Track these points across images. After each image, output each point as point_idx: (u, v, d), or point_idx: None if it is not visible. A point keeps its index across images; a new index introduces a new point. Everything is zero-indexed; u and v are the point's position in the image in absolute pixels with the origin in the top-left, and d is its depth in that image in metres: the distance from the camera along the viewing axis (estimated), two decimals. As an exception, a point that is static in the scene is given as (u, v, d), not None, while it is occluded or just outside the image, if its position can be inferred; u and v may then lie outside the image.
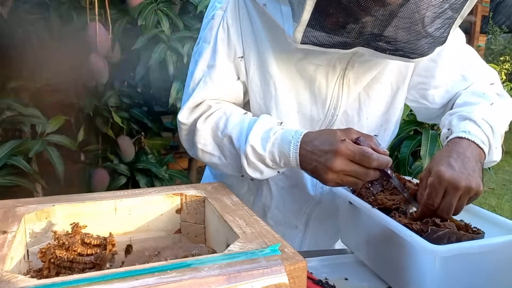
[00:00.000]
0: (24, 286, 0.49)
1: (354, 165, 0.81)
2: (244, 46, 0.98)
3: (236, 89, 1.01)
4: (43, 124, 2.18)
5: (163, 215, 0.83)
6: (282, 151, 0.88)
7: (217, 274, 0.52)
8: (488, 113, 0.94)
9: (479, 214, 0.89)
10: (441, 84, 1.05)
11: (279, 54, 0.97)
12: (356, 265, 0.96)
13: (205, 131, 0.97)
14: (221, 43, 0.98)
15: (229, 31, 0.97)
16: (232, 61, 0.99)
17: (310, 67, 0.97)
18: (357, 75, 0.99)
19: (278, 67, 0.98)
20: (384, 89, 1.04)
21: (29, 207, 0.74)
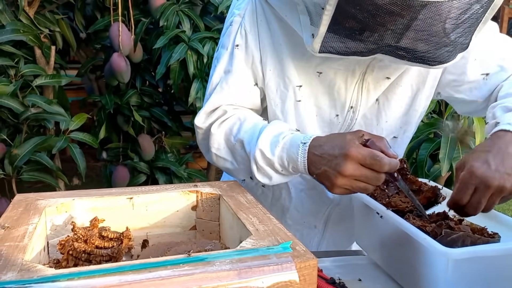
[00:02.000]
0: (42, 275, 0.51)
1: (364, 169, 0.78)
2: (261, 52, 0.99)
3: (253, 95, 1.02)
4: (67, 121, 2.23)
5: (179, 212, 0.84)
6: (291, 155, 0.87)
7: (228, 269, 0.54)
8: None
9: (496, 218, 0.88)
10: (475, 79, 1.02)
11: (298, 59, 0.97)
12: (370, 267, 0.96)
13: (219, 135, 0.98)
14: (239, 48, 0.99)
15: (247, 37, 0.98)
16: (250, 67, 1.00)
17: (330, 71, 0.97)
18: (377, 80, 0.99)
19: (297, 72, 0.98)
20: (404, 91, 1.03)
21: (49, 201, 0.76)
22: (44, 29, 2.37)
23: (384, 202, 0.90)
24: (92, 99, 2.76)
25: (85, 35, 2.73)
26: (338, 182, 0.80)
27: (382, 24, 0.75)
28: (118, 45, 2.35)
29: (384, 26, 0.76)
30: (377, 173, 0.79)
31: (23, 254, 0.57)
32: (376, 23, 0.75)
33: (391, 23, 0.75)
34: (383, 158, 0.78)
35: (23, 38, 2.18)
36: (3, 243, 0.60)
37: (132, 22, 2.45)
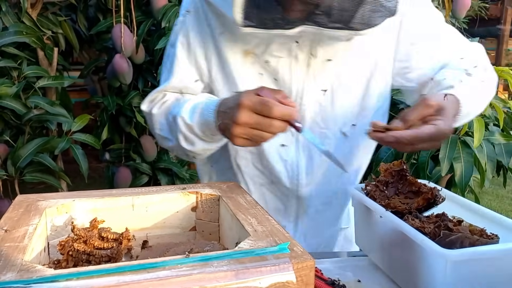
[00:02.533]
0: (41, 275, 0.51)
1: (257, 116, 0.80)
2: (205, 49, 1.01)
3: (193, 90, 1.04)
4: (69, 122, 2.24)
5: (179, 213, 0.85)
6: (205, 118, 0.90)
7: (226, 270, 0.54)
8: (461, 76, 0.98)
9: (496, 220, 0.88)
10: (422, 66, 1.04)
11: (240, 52, 0.99)
12: (370, 268, 0.96)
13: (160, 116, 1.02)
14: (181, 47, 1.02)
15: (189, 36, 1.01)
16: (193, 64, 1.03)
17: (272, 60, 0.98)
18: (321, 64, 0.99)
19: (242, 65, 1.00)
20: (356, 76, 1.03)
21: (50, 201, 0.77)
22: (47, 31, 2.38)
23: (383, 203, 0.90)
24: (94, 100, 2.77)
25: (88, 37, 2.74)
26: (234, 131, 0.82)
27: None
28: (120, 46, 2.36)
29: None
30: (269, 118, 0.80)
31: (23, 255, 0.57)
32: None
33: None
34: (272, 103, 0.79)
35: (26, 39, 2.19)
36: (4, 244, 0.60)
37: (134, 24, 2.46)
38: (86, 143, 2.32)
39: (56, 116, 2.18)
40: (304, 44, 0.96)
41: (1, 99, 2.04)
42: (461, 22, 3.22)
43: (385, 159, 1.93)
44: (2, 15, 2.21)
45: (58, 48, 2.42)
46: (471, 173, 1.67)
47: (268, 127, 0.81)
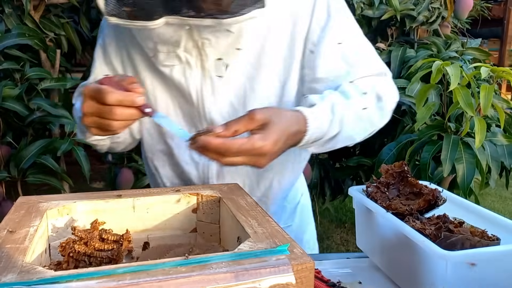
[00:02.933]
0: (41, 277, 0.52)
1: (97, 105, 0.80)
2: (121, 56, 1.04)
3: None
4: (71, 124, 2.25)
5: (180, 214, 0.85)
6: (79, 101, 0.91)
7: (225, 272, 0.54)
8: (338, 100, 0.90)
9: (496, 221, 0.87)
10: (323, 77, 0.97)
11: (142, 61, 1.01)
12: (370, 269, 0.96)
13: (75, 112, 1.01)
14: (98, 61, 1.05)
15: (106, 48, 1.03)
16: (110, 68, 1.05)
17: (166, 69, 0.98)
18: (215, 66, 0.97)
19: (147, 72, 1.02)
20: (270, 81, 0.99)
21: (51, 203, 0.77)
22: (50, 33, 2.39)
23: (385, 204, 0.90)
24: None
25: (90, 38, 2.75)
26: (84, 121, 0.83)
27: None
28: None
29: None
30: (108, 106, 0.79)
31: (23, 256, 0.58)
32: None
33: None
34: (106, 90, 0.78)
35: (29, 42, 2.20)
36: (4, 245, 0.60)
37: (136, 26, 2.46)
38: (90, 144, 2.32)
39: (59, 117, 2.19)
40: (189, 48, 0.94)
41: (4, 101, 2.05)
42: (464, 23, 3.21)
43: (387, 161, 1.93)
44: (5, 17, 2.22)
45: (60, 50, 2.43)
46: (473, 174, 1.66)
47: (109, 115, 0.80)
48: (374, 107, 0.97)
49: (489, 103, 1.52)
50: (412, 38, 2.73)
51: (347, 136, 0.94)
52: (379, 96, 0.97)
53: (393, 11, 2.48)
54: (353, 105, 0.92)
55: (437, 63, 1.63)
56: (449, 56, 2.34)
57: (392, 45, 2.61)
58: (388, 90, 1.01)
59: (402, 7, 2.56)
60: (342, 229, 3.63)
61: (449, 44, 2.59)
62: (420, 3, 2.64)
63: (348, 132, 0.93)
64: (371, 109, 0.96)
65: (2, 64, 2.16)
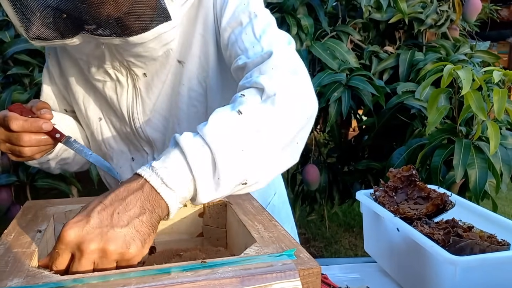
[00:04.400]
0: (47, 281, 0.52)
1: (5, 132, 0.84)
2: (60, 76, 1.04)
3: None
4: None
5: (186, 218, 0.85)
6: None
7: (231, 276, 0.54)
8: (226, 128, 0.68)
9: (506, 225, 0.86)
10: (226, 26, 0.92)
11: (75, 75, 1.00)
12: (378, 274, 0.95)
13: None
14: (45, 82, 1.06)
15: (49, 69, 1.04)
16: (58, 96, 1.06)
17: (98, 84, 0.97)
18: (147, 84, 0.95)
19: (79, 87, 1.01)
20: (194, 90, 0.95)
21: (58, 208, 0.77)
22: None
23: (392, 209, 0.90)
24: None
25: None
26: (0, 147, 0.87)
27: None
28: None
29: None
30: (14, 132, 0.83)
31: (30, 260, 0.58)
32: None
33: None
34: (10, 117, 0.82)
35: (38, 47, 2.22)
36: (11, 249, 0.61)
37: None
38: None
39: (68, 122, 2.20)
40: (117, 66, 0.92)
41: (13, 106, 2.07)
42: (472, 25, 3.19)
43: (397, 165, 1.91)
44: (14, 23, 2.24)
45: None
46: (485, 179, 1.64)
47: (17, 141, 0.84)
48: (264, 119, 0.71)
49: (503, 107, 1.50)
50: (420, 41, 2.72)
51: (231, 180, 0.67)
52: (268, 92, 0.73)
53: (401, 15, 2.47)
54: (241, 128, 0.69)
55: (449, 67, 1.61)
56: (458, 59, 2.32)
57: (400, 48, 2.59)
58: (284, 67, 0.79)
59: (410, 10, 2.55)
60: (351, 233, 3.61)
61: (458, 47, 2.57)
62: (428, 6, 2.62)
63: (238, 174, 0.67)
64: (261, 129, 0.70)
65: (11, 69, 2.18)
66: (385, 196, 0.95)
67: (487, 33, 3.64)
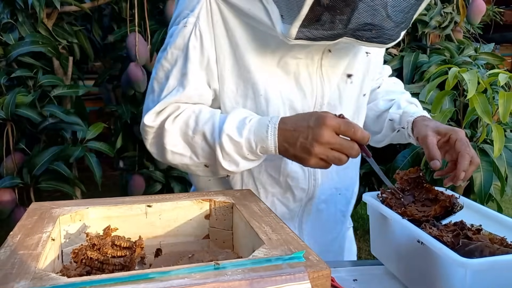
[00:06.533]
0: (55, 283, 0.51)
1: (339, 137, 0.83)
2: (217, 53, 0.97)
3: (207, 97, 1.00)
4: (84, 131, 2.26)
5: (192, 220, 0.84)
6: (259, 135, 0.88)
7: (240, 279, 0.53)
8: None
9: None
10: (373, 78, 1.14)
11: (261, 56, 0.97)
12: (386, 277, 0.94)
13: (174, 131, 0.95)
14: (193, 50, 0.96)
15: (202, 38, 0.96)
16: (204, 68, 0.97)
17: (293, 61, 0.98)
18: (332, 64, 1.02)
19: (262, 69, 0.98)
20: (355, 77, 1.07)
21: (64, 209, 0.77)
22: (62, 41, 2.41)
23: (400, 211, 0.89)
24: (109, 109, 2.80)
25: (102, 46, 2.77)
26: (315, 150, 0.83)
27: (358, 4, 0.79)
28: (134, 55, 2.38)
29: (359, 6, 0.80)
30: (350, 141, 0.84)
31: (36, 263, 0.57)
32: (352, 4, 0.79)
33: (366, 1, 0.79)
34: (356, 125, 0.84)
35: (42, 49, 2.22)
36: (17, 251, 0.60)
37: (148, 32, 2.48)
38: (101, 151, 2.34)
39: (71, 124, 2.20)
40: (320, 47, 0.98)
41: (17, 108, 2.07)
42: (476, 28, 3.18)
43: (402, 167, 1.90)
44: (18, 25, 2.25)
45: (73, 57, 2.45)
46: (491, 182, 1.63)
47: (349, 149, 0.84)
48: None
49: (509, 110, 1.49)
50: (424, 43, 2.71)
51: None
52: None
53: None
54: None
55: (454, 70, 1.60)
56: (463, 61, 2.31)
57: (404, 50, 2.59)
58: None
59: (414, 12, 2.55)
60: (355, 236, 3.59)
61: (462, 49, 2.57)
62: (432, 8, 2.62)
63: None
64: None
65: (15, 71, 2.18)
66: (392, 198, 0.94)
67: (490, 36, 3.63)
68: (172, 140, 0.95)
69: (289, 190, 1.07)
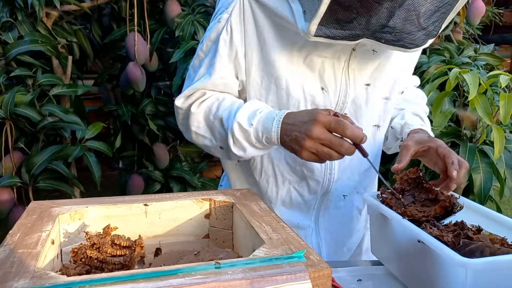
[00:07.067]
0: (54, 282, 0.51)
1: (329, 134, 0.86)
2: (246, 47, 1.04)
3: (232, 87, 1.06)
4: (83, 130, 2.25)
5: (192, 220, 0.84)
6: (266, 126, 0.93)
7: (240, 278, 0.53)
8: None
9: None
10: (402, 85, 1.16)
11: (287, 53, 1.02)
12: (386, 277, 0.94)
13: (199, 114, 1.03)
14: (223, 44, 1.03)
15: (232, 33, 1.03)
16: (232, 61, 1.04)
17: (318, 60, 1.02)
18: (360, 65, 1.05)
19: (287, 65, 1.02)
20: (386, 80, 1.10)
21: (63, 208, 0.76)
22: (62, 40, 2.40)
23: (400, 211, 0.89)
24: (108, 108, 2.79)
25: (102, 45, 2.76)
26: (306, 144, 0.87)
27: (377, 2, 0.81)
28: (134, 54, 2.37)
29: (379, 4, 0.81)
30: (340, 138, 0.86)
31: (35, 261, 0.57)
32: (371, 5, 0.82)
33: (384, 4, 0.81)
34: (346, 123, 0.85)
35: (41, 48, 2.21)
36: (17, 250, 0.60)
37: (147, 32, 2.48)
38: (99, 150, 2.33)
39: (70, 123, 2.19)
40: (347, 48, 1.01)
41: (16, 107, 2.06)
42: (475, 29, 3.18)
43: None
44: (18, 24, 2.24)
45: (72, 57, 2.44)
46: (490, 183, 1.63)
47: (338, 146, 0.86)
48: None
49: (510, 112, 1.48)
50: (424, 44, 2.70)
51: None
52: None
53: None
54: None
55: (455, 71, 1.59)
56: (462, 62, 2.31)
57: (403, 51, 2.58)
58: None
59: (414, 13, 2.54)
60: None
61: (462, 49, 2.56)
62: (432, 8, 2.61)
63: None
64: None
65: (14, 70, 2.18)
66: (392, 198, 0.94)
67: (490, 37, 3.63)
68: (196, 122, 1.04)
69: (304, 180, 1.12)
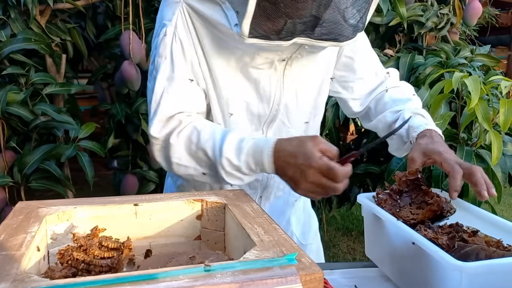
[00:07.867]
0: (36, 286, 0.49)
1: (324, 178, 0.87)
2: (198, 57, 1.04)
3: (198, 97, 1.06)
4: (76, 130, 2.23)
5: (183, 221, 0.82)
6: (257, 159, 0.93)
7: (230, 282, 0.51)
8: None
9: (509, 229, 0.84)
10: (360, 77, 1.21)
11: (226, 62, 1.04)
12: (380, 280, 0.93)
13: (179, 146, 1.00)
14: (178, 55, 1.03)
15: (182, 44, 1.03)
16: (190, 70, 1.04)
17: (254, 71, 1.05)
18: (295, 73, 1.09)
19: (227, 73, 1.05)
20: (315, 79, 1.15)
21: (51, 209, 0.75)
22: (56, 38, 2.39)
23: (392, 213, 0.87)
24: (102, 107, 2.77)
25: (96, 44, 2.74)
26: (302, 186, 0.90)
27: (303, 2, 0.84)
28: (128, 53, 2.36)
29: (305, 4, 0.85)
30: (333, 182, 0.87)
31: (18, 264, 0.55)
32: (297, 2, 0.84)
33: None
34: (338, 171, 0.86)
35: (35, 46, 2.19)
36: (0, 252, 0.58)
37: (142, 31, 2.46)
38: (92, 150, 2.31)
39: (63, 123, 2.17)
40: (283, 58, 1.04)
41: (8, 106, 2.04)
42: (472, 30, 3.18)
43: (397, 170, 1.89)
44: (11, 22, 2.22)
45: (66, 55, 2.42)
46: (486, 188, 1.62)
47: (332, 190, 0.88)
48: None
49: (510, 120, 1.47)
50: (420, 45, 2.70)
51: None
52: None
53: (400, 18, 2.45)
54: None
55: (457, 75, 1.57)
56: (458, 63, 2.30)
57: (400, 52, 2.58)
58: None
59: (410, 13, 2.53)
60: (349, 237, 3.58)
61: (458, 50, 2.56)
62: (429, 9, 2.61)
63: None
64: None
65: (7, 68, 2.16)
66: (388, 199, 0.92)
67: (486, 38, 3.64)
68: (177, 154, 1.01)
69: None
